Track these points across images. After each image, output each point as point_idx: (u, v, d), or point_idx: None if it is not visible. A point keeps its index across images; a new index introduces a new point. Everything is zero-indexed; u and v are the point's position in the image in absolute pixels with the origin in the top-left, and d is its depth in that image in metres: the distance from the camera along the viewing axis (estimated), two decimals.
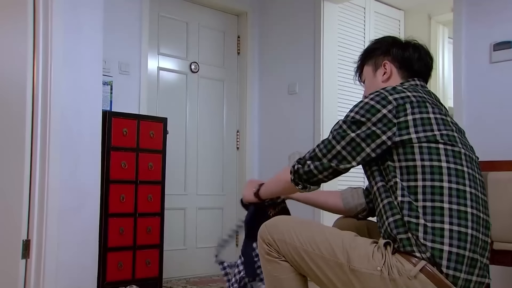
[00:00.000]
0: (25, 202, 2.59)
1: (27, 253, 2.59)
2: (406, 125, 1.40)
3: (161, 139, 3.33)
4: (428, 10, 4.71)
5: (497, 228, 2.06)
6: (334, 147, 1.46)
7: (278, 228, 1.55)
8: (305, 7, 3.99)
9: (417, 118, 1.41)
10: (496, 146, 2.85)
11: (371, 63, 1.68)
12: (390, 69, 1.63)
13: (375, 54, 1.67)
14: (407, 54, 1.62)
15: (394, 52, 1.63)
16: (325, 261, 1.45)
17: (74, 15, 2.76)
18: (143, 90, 3.63)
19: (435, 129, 1.41)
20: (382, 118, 1.41)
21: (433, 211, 1.35)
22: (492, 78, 2.97)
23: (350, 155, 1.45)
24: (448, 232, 1.33)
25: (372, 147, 1.42)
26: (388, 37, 1.72)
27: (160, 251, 3.29)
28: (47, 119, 2.62)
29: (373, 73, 1.67)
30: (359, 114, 1.44)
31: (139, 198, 3.19)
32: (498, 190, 2.09)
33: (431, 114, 1.43)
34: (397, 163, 1.42)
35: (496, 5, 2.97)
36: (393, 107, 1.41)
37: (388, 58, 1.64)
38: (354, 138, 1.43)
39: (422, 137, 1.39)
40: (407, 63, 1.62)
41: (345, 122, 1.47)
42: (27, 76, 2.62)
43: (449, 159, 1.39)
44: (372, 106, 1.43)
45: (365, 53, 1.72)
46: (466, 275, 1.35)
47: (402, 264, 1.35)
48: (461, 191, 1.37)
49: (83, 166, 2.77)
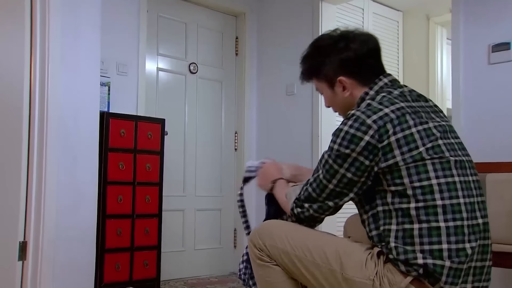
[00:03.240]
0: (22, 203, 2.58)
1: (24, 255, 2.58)
2: (390, 148, 1.35)
3: (159, 140, 3.32)
4: (426, 11, 4.71)
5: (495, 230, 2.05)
6: (327, 186, 1.43)
7: (270, 233, 1.53)
8: (303, 8, 3.98)
9: (400, 138, 1.35)
10: (495, 148, 2.85)
11: (322, 78, 1.58)
12: (347, 83, 1.53)
13: (323, 71, 1.56)
14: (352, 54, 1.50)
15: (343, 64, 1.52)
16: (318, 268, 1.43)
17: (72, 16, 2.75)
18: (141, 91, 3.62)
19: (420, 145, 1.36)
20: (367, 146, 1.36)
21: (430, 232, 1.32)
22: (491, 79, 2.96)
23: (346, 189, 1.42)
24: (447, 252, 1.31)
25: (365, 176, 1.39)
26: (322, 41, 1.60)
27: (157, 253, 3.28)
28: (44, 120, 2.61)
29: (330, 90, 1.58)
30: (343, 146, 1.38)
31: (137, 199, 3.18)
32: (496, 191, 2.09)
33: (413, 128, 1.37)
34: (386, 187, 1.38)
35: (494, 6, 2.97)
36: (375, 132, 1.35)
37: (340, 73, 1.53)
38: (344, 174, 1.40)
39: (408, 158, 1.34)
40: (360, 69, 1.52)
41: (330, 156, 1.42)
42: (24, 77, 2.62)
43: (438, 173, 1.35)
44: (353, 135, 1.37)
45: (311, 69, 1.60)
46: (461, 285, 1.34)
47: (393, 274, 1.34)
48: (455, 205, 1.34)
49: (81, 167, 2.77)
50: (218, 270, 4.09)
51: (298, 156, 3.78)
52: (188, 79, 4.05)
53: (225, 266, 4.12)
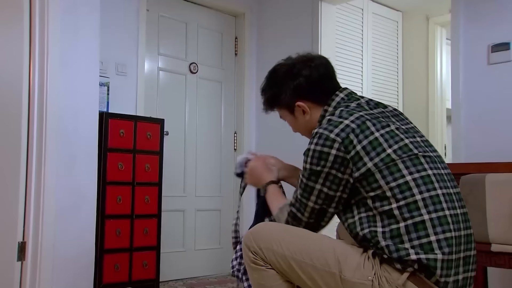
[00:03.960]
0: (21, 204, 2.58)
1: (23, 255, 2.58)
2: (359, 157, 1.40)
3: (158, 140, 3.32)
4: (426, 11, 4.70)
5: (495, 230, 2.05)
6: (307, 204, 1.48)
7: (265, 236, 1.50)
8: (302, 8, 3.98)
9: (365, 145, 1.40)
10: (494, 148, 2.84)
11: (282, 106, 1.67)
12: (305, 106, 1.61)
13: (281, 99, 1.65)
14: (304, 80, 1.59)
15: (297, 90, 1.60)
16: (316, 270, 1.42)
17: (71, 16, 2.74)
18: (140, 91, 3.61)
19: (386, 147, 1.40)
20: (336, 159, 1.41)
21: (416, 227, 1.35)
22: (490, 79, 2.96)
23: (325, 204, 1.47)
24: (437, 243, 1.34)
25: (340, 190, 1.44)
26: (276, 72, 1.69)
27: (157, 253, 3.27)
28: (43, 120, 2.61)
29: (291, 116, 1.66)
30: (314, 164, 1.44)
31: (136, 199, 3.18)
32: (496, 191, 2.08)
33: (376, 133, 1.42)
34: (366, 194, 1.41)
35: (494, 6, 2.97)
36: (339, 144, 1.41)
37: (296, 97, 1.61)
38: (321, 189, 1.45)
39: (378, 162, 1.39)
40: (315, 92, 1.59)
41: (304, 175, 1.47)
42: (23, 77, 2.61)
43: (411, 169, 1.39)
44: (321, 152, 1.42)
45: (270, 99, 1.69)
46: (454, 276, 1.36)
47: (389, 273, 1.35)
48: (434, 197, 1.38)
49: (80, 168, 2.76)
50: (218, 271, 4.09)
51: (298, 156, 3.76)
52: (189, 79, 4.05)
53: (225, 266, 4.11)
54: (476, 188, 2.12)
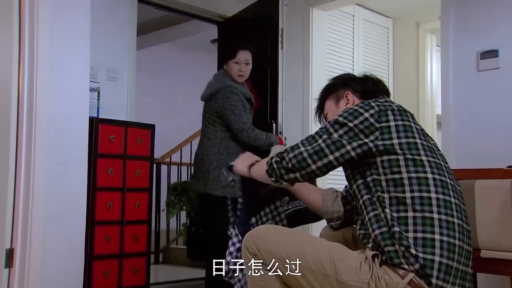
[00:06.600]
0: (9, 209, 2.55)
1: (11, 262, 2.54)
2: (389, 130, 1.44)
3: (149, 146, 3.30)
4: (416, 18, 4.74)
5: (485, 236, 2.05)
6: (315, 139, 1.50)
7: (264, 238, 1.53)
8: (293, 14, 3.98)
9: (399, 125, 1.46)
10: (484, 154, 2.86)
11: (332, 97, 1.78)
12: (352, 99, 1.72)
13: (336, 88, 1.77)
14: (366, 86, 1.73)
15: (353, 84, 1.74)
16: (312, 273, 1.44)
17: (61, 21, 2.73)
18: (131, 97, 3.60)
19: (417, 137, 1.46)
20: (364, 121, 1.46)
21: (424, 221, 1.37)
22: (480, 86, 2.98)
23: (329, 149, 1.47)
24: (439, 243, 1.35)
25: (352, 146, 1.45)
26: (346, 74, 1.86)
27: (147, 259, 3.25)
28: (32, 125, 2.58)
29: (335, 106, 1.75)
30: (342, 117, 1.49)
31: (126, 205, 3.16)
32: (486, 197, 2.09)
33: (413, 124, 1.49)
34: (383, 176, 1.44)
35: (483, 14, 2.99)
36: (375, 112, 1.47)
37: (349, 89, 1.73)
38: (337, 138, 1.47)
39: (403, 144, 1.43)
40: (368, 94, 1.70)
41: (329, 122, 1.52)
42: (13, 82, 2.58)
43: (433, 170, 1.43)
44: (355, 110, 1.49)
45: (326, 89, 1.81)
46: (451, 285, 1.36)
47: (390, 276, 1.35)
48: (447, 202, 1.41)
49: (70, 173, 2.74)
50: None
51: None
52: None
53: None
54: (465, 194, 2.12)
